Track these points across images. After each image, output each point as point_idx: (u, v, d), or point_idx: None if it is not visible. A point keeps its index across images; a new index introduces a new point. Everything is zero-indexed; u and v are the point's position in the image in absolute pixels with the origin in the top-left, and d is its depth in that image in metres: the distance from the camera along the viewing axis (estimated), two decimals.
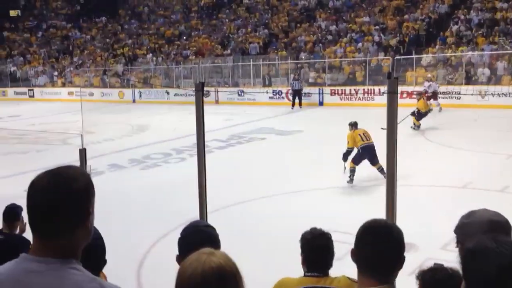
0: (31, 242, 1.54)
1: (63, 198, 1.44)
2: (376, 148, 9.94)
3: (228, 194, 9.78)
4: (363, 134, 10.37)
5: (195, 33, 33.95)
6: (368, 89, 22.37)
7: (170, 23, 36.89)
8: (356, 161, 10.22)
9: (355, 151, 10.36)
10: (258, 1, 34.87)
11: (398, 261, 2.04)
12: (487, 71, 21.25)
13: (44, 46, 39.52)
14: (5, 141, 19.03)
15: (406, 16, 27.17)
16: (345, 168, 10.52)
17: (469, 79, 21.39)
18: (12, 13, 44.34)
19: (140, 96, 29.02)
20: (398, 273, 2.07)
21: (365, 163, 10.30)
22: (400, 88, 19.15)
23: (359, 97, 22.40)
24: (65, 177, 1.47)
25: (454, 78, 21.73)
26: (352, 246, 2.11)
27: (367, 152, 10.13)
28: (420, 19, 26.40)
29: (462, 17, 25.03)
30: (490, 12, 24.45)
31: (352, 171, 10.17)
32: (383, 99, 3.19)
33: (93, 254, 2.10)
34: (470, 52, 22.16)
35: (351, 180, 10.13)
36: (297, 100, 22.64)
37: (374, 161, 10.10)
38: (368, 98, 21.86)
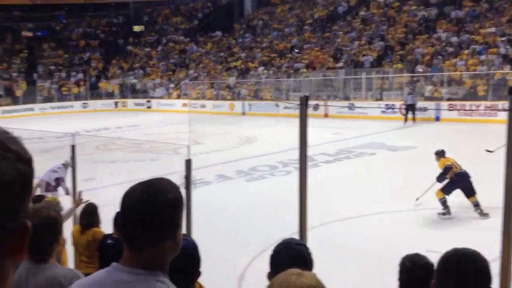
0: None
1: (154, 210, 1.47)
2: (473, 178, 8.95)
3: (331, 210, 9.50)
4: (455, 162, 9.35)
5: (308, 46, 33.98)
6: (490, 104, 20.94)
7: (283, 36, 37.28)
8: (448, 190, 9.10)
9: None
10: (375, 13, 34.14)
11: None
12: None
13: (162, 60, 41.73)
14: (124, 149, 20.21)
15: None
16: (417, 198, 9.69)
17: None
18: (136, 28, 47.39)
19: (250, 108, 29.50)
20: None
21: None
22: None
23: (480, 113, 21.02)
24: (156, 189, 1.50)
25: None
26: None
27: (462, 180, 9.03)
28: None
29: None
30: None
31: (444, 202, 9.08)
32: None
33: (187, 265, 2.11)
34: None
35: (447, 211, 9.02)
36: (410, 115, 21.75)
37: (470, 192, 8.94)
38: (490, 114, 20.43)
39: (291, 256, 2.20)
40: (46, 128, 19.86)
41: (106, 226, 5.20)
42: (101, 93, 39.10)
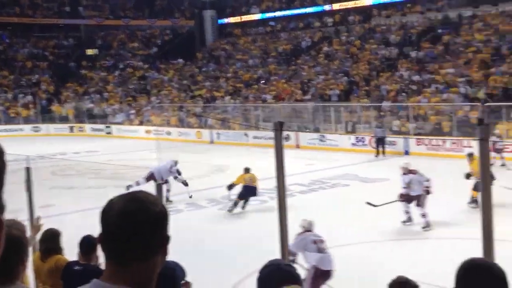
0: None
1: (142, 222, 1.40)
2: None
3: None
4: (249, 178, 13.88)
5: (274, 78, 34.96)
6: (455, 141, 22.24)
7: (248, 67, 38.20)
8: (241, 196, 13.69)
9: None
10: (337, 49, 35.67)
11: None
12: None
13: (121, 85, 41.66)
14: (83, 175, 19.95)
15: (492, 70, 27.02)
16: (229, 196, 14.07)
17: None
18: (89, 52, 47.18)
19: (218, 137, 29.88)
20: None
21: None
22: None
23: (446, 148, 22.25)
24: (143, 200, 1.44)
25: None
26: None
27: (249, 192, 13.79)
28: (508, 73, 26.18)
29: None
30: None
31: (235, 204, 13.57)
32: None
33: (169, 285, 2.15)
34: None
35: (230, 209, 13.50)
36: (380, 148, 22.75)
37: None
38: (457, 150, 21.71)
39: (280, 276, 2.20)
40: None
41: (69, 254, 5.13)
42: (54, 117, 38.44)
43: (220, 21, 47.27)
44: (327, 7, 40.92)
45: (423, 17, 35.87)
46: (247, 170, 14.18)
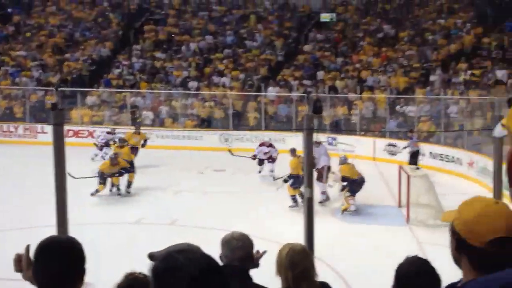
0: None
1: None
2: None
3: None
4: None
5: None
6: (29, 126, 21.78)
7: None
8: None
9: None
10: None
11: None
12: (150, 114, 22.99)
13: None
14: None
15: (67, 55, 27.31)
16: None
17: (134, 121, 22.70)
18: None
19: None
20: None
21: None
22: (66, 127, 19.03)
23: (19, 134, 21.69)
24: None
25: (120, 119, 22.85)
26: None
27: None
28: (82, 60, 26.87)
29: (125, 62, 26.51)
30: (150, 60, 26.66)
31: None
32: (46, 137, 3.41)
33: None
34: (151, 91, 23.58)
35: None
36: None
37: None
38: (30, 136, 21.26)
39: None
40: None
41: None
42: None
43: None
44: None
45: None
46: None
